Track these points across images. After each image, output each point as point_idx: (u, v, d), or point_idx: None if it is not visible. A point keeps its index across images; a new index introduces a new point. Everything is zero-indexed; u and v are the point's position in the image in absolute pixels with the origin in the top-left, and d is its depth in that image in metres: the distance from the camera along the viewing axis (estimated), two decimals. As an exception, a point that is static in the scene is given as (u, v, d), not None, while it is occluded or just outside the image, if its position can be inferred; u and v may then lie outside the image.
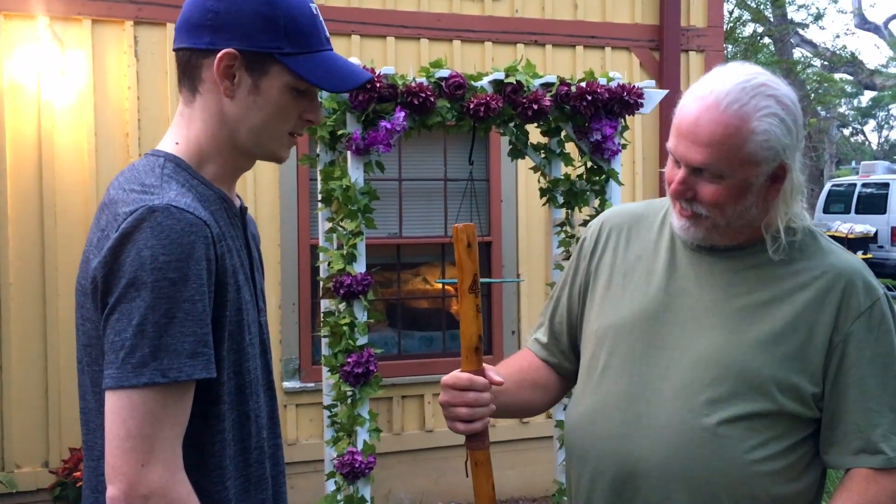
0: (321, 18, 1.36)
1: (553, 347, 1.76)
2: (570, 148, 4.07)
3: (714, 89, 1.44)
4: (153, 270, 1.16)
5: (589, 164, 4.00)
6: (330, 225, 3.66)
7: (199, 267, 1.19)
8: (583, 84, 3.79)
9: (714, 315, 1.52)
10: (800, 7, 22.35)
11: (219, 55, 1.28)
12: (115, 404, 1.17)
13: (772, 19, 19.77)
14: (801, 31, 21.66)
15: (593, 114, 3.80)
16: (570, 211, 4.06)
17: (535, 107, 3.65)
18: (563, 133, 3.98)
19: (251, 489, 1.35)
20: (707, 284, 1.55)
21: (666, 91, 4.11)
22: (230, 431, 1.29)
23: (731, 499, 1.46)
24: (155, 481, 1.16)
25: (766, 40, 20.96)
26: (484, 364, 1.50)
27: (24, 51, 4.21)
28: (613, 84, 3.85)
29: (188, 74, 1.33)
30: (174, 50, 1.36)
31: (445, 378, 1.50)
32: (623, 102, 3.84)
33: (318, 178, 3.74)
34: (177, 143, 1.34)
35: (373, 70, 3.44)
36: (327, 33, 1.37)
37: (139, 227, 1.18)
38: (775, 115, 1.43)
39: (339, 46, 4.69)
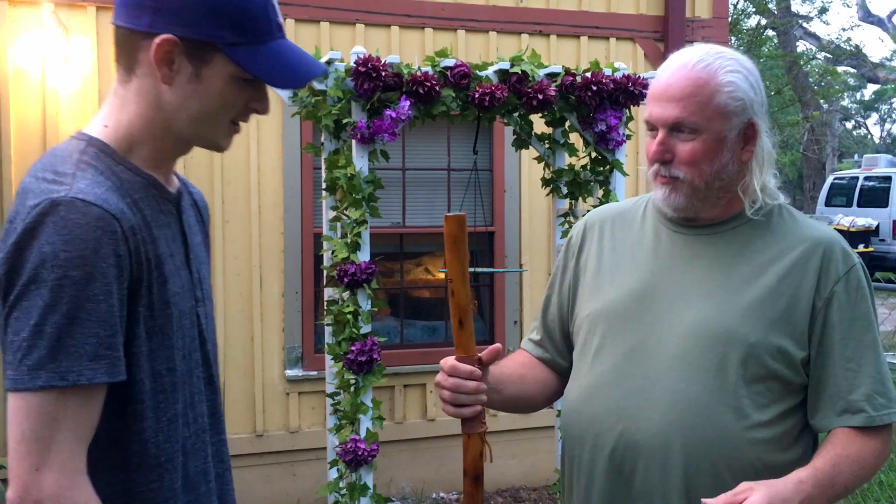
0: (275, 4, 1.28)
1: (547, 344, 1.82)
2: (575, 138, 4.08)
3: (679, 57, 1.58)
4: (54, 268, 1.11)
5: (593, 154, 4.00)
6: (334, 213, 3.66)
7: (105, 264, 1.13)
8: (587, 74, 3.79)
9: (700, 288, 1.58)
10: (803, 1, 22.29)
11: (157, 41, 1.20)
12: (12, 406, 1.13)
13: (776, 12, 19.71)
14: (804, 25, 21.60)
15: (598, 104, 3.80)
16: (573, 201, 4.06)
17: (540, 97, 3.65)
18: (567, 123, 3.98)
19: (192, 486, 1.31)
20: (691, 261, 1.61)
21: (671, 82, 4.10)
22: (154, 430, 1.23)
23: (727, 467, 1.50)
24: (49, 486, 1.11)
25: (770, 33, 20.90)
26: (477, 350, 1.53)
27: (29, 37, 4.20)
28: (618, 75, 3.84)
29: (125, 54, 1.25)
30: (113, 23, 1.27)
31: (441, 361, 1.55)
32: (628, 93, 3.84)
33: (323, 166, 3.75)
34: (105, 126, 1.26)
35: (378, 59, 3.44)
36: (280, 20, 1.29)
37: (42, 222, 1.12)
38: (738, 72, 1.55)
39: (343, 35, 4.69)
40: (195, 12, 1.21)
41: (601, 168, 3.99)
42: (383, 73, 3.42)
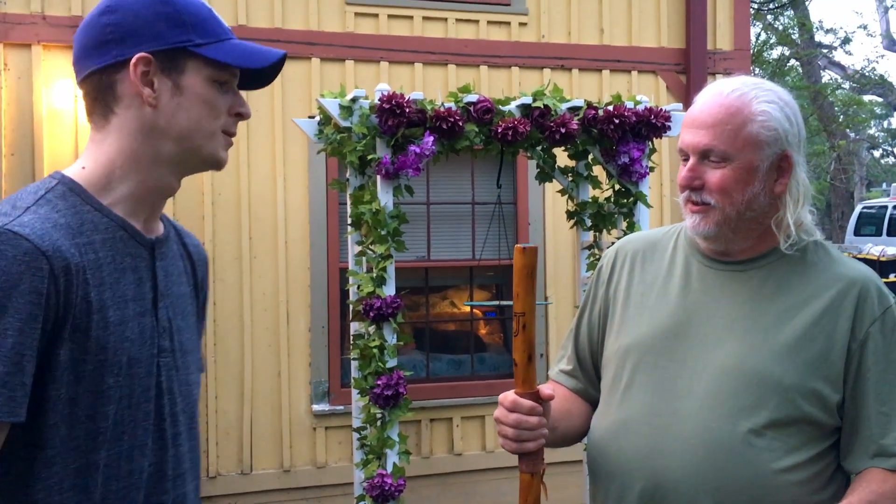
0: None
1: (578, 374, 1.79)
2: (598, 171, 4.09)
3: (716, 86, 1.58)
4: None
5: (617, 186, 4.02)
6: (360, 248, 3.70)
7: (22, 300, 1.09)
8: (610, 107, 3.81)
9: (733, 327, 1.55)
10: (827, 31, 22.26)
11: (132, 62, 1.22)
12: None
13: (799, 42, 19.70)
14: (828, 55, 21.55)
15: (620, 137, 3.82)
16: (598, 234, 4.07)
17: (563, 130, 3.67)
18: (590, 156, 4.00)
19: None
20: (723, 298, 1.58)
21: (693, 114, 4.12)
22: (61, 477, 1.16)
23: None
24: None
25: (794, 63, 20.87)
26: (539, 386, 1.50)
27: (63, 81, 4.32)
28: (640, 107, 3.87)
29: (100, 99, 1.25)
30: (79, 84, 1.27)
31: (500, 396, 1.52)
32: (650, 125, 3.85)
33: (348, 202, 3.79)
34: (83, 168, 1.25)
35: (402, 95, 3.49)
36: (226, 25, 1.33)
37: None
38: (774, 103, 1.53)
39: (368, 73, 4.76)
40: (157, 26, 1.23)
41: (625, 200, 4.00)
42: (407, 110, 3.47)
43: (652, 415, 1.56)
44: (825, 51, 20.96)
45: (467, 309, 5.10)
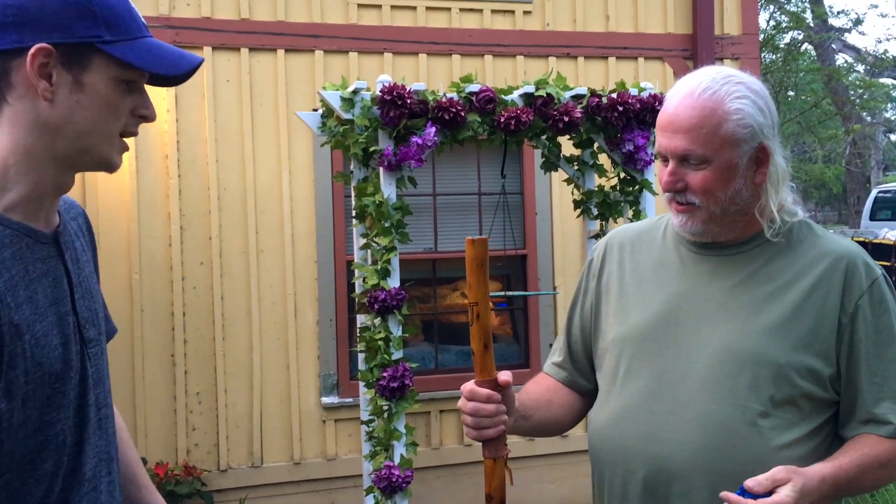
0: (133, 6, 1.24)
1: (569, 366, 1.82)
2: (603, 159, 4.07)
3: (686, 83, 1.56)
4: None
5: (622, 174, 3.99)
6: (364, 241, 3.69)
7: None
8: (613, 95, 3.78)
9: (725, 310, 1.57)
10: (838, 13, 22.01)
11: (31, 52, 1.12)
12: None
13: (812, 25, 19.51)
14: (842, 38, 21.32)
15: (625, 124, 3.80)
16: (604, 222, 4.05)
17: (566, 119, 3.65)
18: (595, 144, 3.97)
19: None
20: (714, 282, 1.61)
21: (699, 100, 4.08)
22: (14, 494, 1.13)
23: None
24: None
25: (808, 46, 20.67)
26: (497, 373, 1.53)
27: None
28: (644, 94, 3.84)
29: None
30: None
31: (462, 386, 1.56)
32: (654, 112, 3.82)
33: (353, 194, 3.79)
34: None
35: (403, 87, 3.47)
36: (143, 20, 1.24)
37: None
38: (746, 97, 1.53)
39: (372, 64, 4.75)
40: (65, 16, 1.14)
41: (630, 188, 3.97)
42: (409, 101, 3.46)
43: (651, 401, 1.58)
44: (837, 34, 20.74)
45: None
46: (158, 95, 4.45)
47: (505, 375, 1.52)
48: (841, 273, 1.55)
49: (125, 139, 1.24)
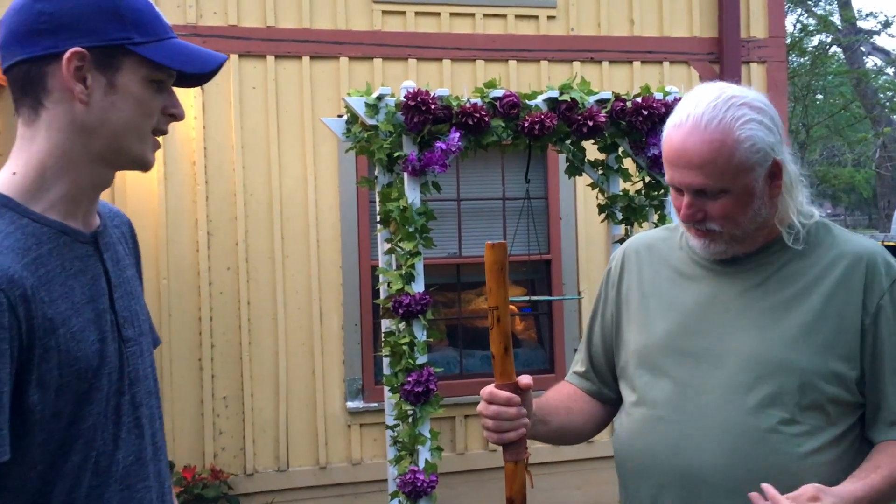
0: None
1: (592, 375, 1.82)
2: (628, 163, 4.05)
3: (689, 113, 1.51)
4: None
5: (647, 178, 3.97)
6: (388, 246, 3.71)
7: None
8: (638, 99, 3.77)
9: (746, 317, 1.56)
10: (867, 15, 21.75)
11: (66, 56, 1.16)
12: None
13: (840, 28, 19.30)
14: (871, 41, 21.06)
15: (650, 129, 3.78)
16: (629, 227, 4.03)
17: (591, 123, 3.64)
18: (620, 149, 3.96)
19: None
20: (734, 290, 1.59)
21: (724, 103, 4.05)
22: (55, 486, 1.14)
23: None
24: None
25: (836, 49, 20.45)
26: (518, 377, 1.53)
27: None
28: (670, 98, 3.82)
29: (29, 91, 1.19)
30: (4, 71, 1.21)
31: (481, 390, 1.55)
32: (680, 116, 3.80)
33: (377, 199, 3.81)
34: (14, 174, 1.20)
35: (427, 92, 3.49)
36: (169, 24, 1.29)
37: None
38: (752, 120, 1.50)
39: (396, 70, 4.77)
40: (95, 20, 1.18)
41: (655, 192, 3.96)
42: (433, 106, 3.47)
43: (677, 411, 1.57)
44: (866, 36, 20.49)
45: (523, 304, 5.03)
46: (186, 103, 4.50)
47: (525, 379, 1.52)
48: (861, 273, 1.53)
49: (157, 137, 1.28)
